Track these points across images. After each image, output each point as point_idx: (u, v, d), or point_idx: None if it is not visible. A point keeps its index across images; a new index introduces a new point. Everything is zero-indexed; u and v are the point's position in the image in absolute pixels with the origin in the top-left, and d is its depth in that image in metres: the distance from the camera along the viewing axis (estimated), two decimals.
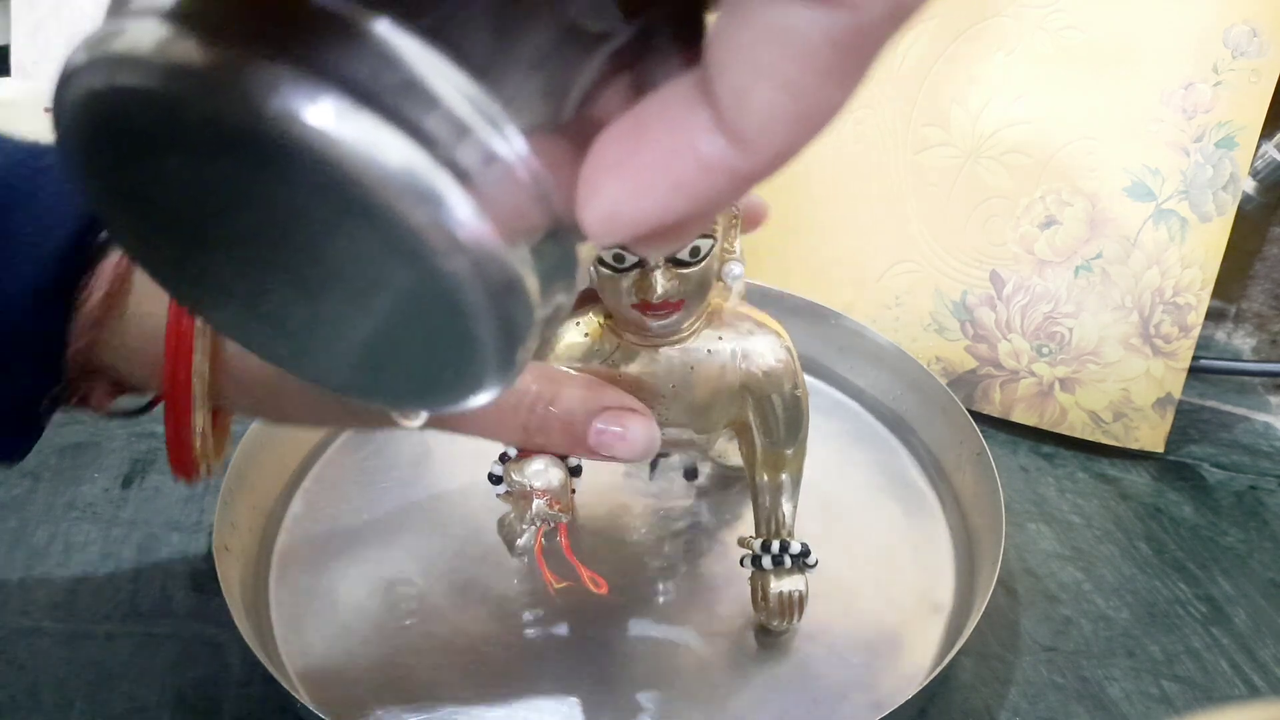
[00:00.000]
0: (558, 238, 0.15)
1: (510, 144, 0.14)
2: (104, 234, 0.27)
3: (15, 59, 0.68)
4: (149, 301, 0.28)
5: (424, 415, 0.22)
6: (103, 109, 0.14)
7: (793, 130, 0.14)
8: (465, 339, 0.15)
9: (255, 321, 0.18)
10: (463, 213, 0.14)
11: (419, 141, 0.13)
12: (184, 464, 0.29)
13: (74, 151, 0.16)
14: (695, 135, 0.14)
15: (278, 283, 0.16)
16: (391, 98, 0.13)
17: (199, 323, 0.27)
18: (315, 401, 0.29)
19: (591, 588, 0.31)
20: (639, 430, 0.29)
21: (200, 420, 0.29)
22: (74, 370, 0.28)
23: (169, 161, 0.15)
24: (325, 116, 0.13)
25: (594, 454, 0.29)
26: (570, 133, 0.15)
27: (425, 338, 0.16)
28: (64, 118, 0.15)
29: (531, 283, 0.15)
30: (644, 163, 0.14)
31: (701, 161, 0.14)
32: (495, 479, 0.32)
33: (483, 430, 0.30)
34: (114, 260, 0.27)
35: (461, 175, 0.13)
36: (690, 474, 0.41)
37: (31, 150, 0.28)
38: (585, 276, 0.17)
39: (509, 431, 0.29)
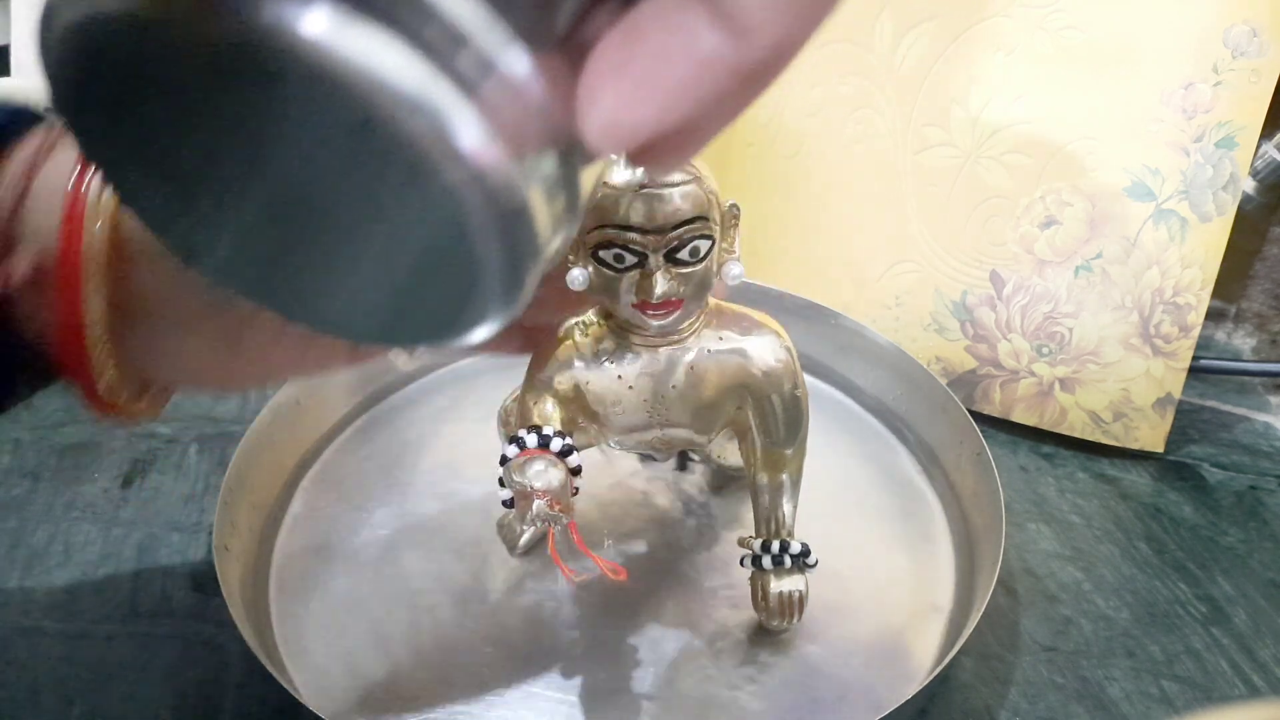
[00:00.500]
0: (560, 156, 0.15)
1: (509, 55, 0.13)
2: (25, 123, 0.26)
3: (15, 59, 0.68)
4: (59, 176, 0.26)
5: (420, 352, 0.22)
6: (86, 42, 0.14)
7: (793, 16, 0.14)
8: (469, 263, 0.15)
9: (252, 262, 0.17)
10: (465, 123, 0.13)
11: (418, 50, 0.13)
12: (79, 368, 0.26)
13: (63, 94, 0.15)
14: (693, 32, 0.13)
15: (275, 216, 0.16)
16: (388, 6, 0.13)
17: (99, 194, 0.25)
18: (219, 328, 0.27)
19: (611, 576, 0.31)
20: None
21: (95, 309, 0.26)
22: None
23: (157, 92, 0.14)
24: (320, 26, 0.12)
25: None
26: (568, 46, 0.14)
27: (427, 266, 0.16)
28: (50, 60, 0.14)
29: (536, 202, 0.15)
30: (642, 66, 0.14)
31: (700, 58, 0.13)
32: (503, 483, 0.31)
33: None
34: (36, 139, 0.26)
35: (462, 85, 0.13)
36: (682, 465, 0.41)
37: None
38: (588, 205, 0.17)
39: None
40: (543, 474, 0.29)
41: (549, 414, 0.31)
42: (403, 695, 0.33)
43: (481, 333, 0.16)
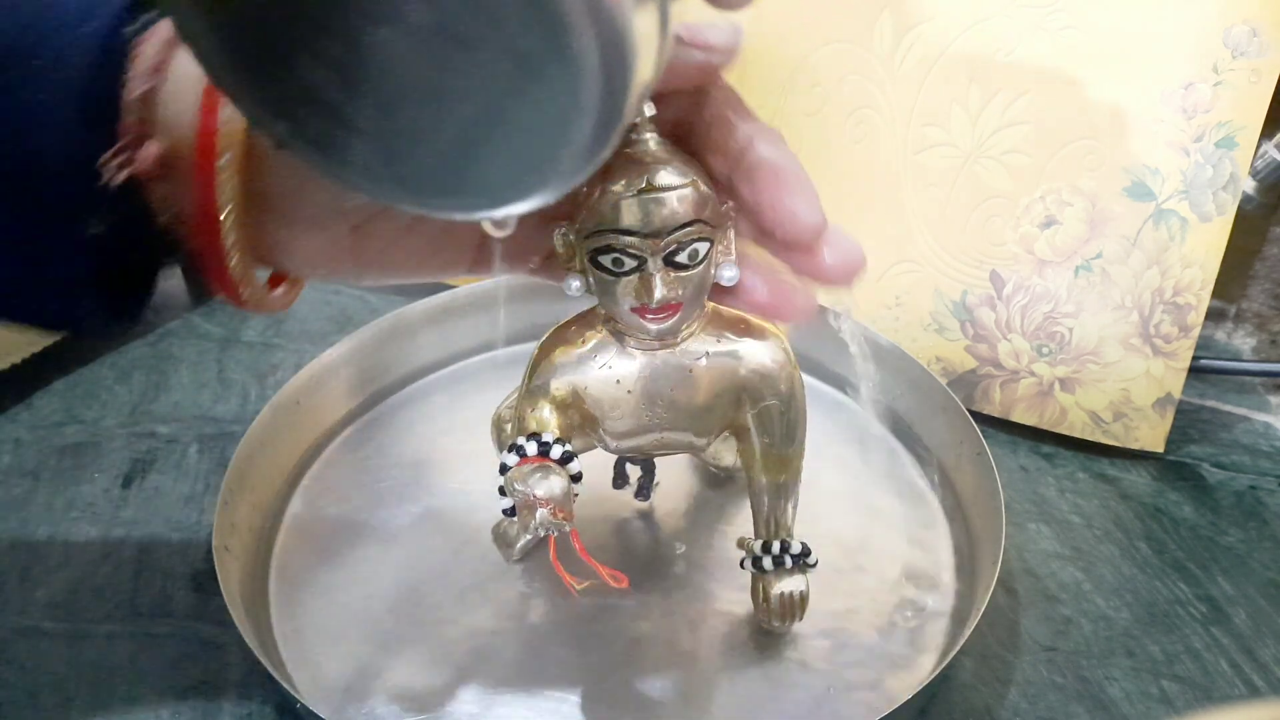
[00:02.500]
0: None
1: None
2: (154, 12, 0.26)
3: None
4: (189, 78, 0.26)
5: (512, 224, 0.23)
6: None
7: None
8: (569, 96, 0.16)
9: (346, 133, 0.18)
10: None
11: None
12: (219, 280, 0.28)
13: (183, 15, 0.17)
14: None
15: (374, 75, 0.17)
16: None
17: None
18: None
19: (612, 583, 0.31)
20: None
21: (227, 194, 0.26)
22: (130, 122, 0.26)
23: None
24: None
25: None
26: None
27: (524, 109, 0.17)
28: None
29: (637, 32, 0.16)
30: None
31: None
32: (503, 492, 0.31)
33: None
34: (168, 26, 0.26)
35: None
36: (643, 494, 0.40)
37: None
38: (667, 51, 0.18)
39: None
40: (544, 482, 0.29)
41: (546, 420, 0.31)
42: (403, 695, 0.33)
43: (567, 181, 0.18)
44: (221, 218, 0.27)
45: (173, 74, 0.26)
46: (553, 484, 0.29)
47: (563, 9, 0.15)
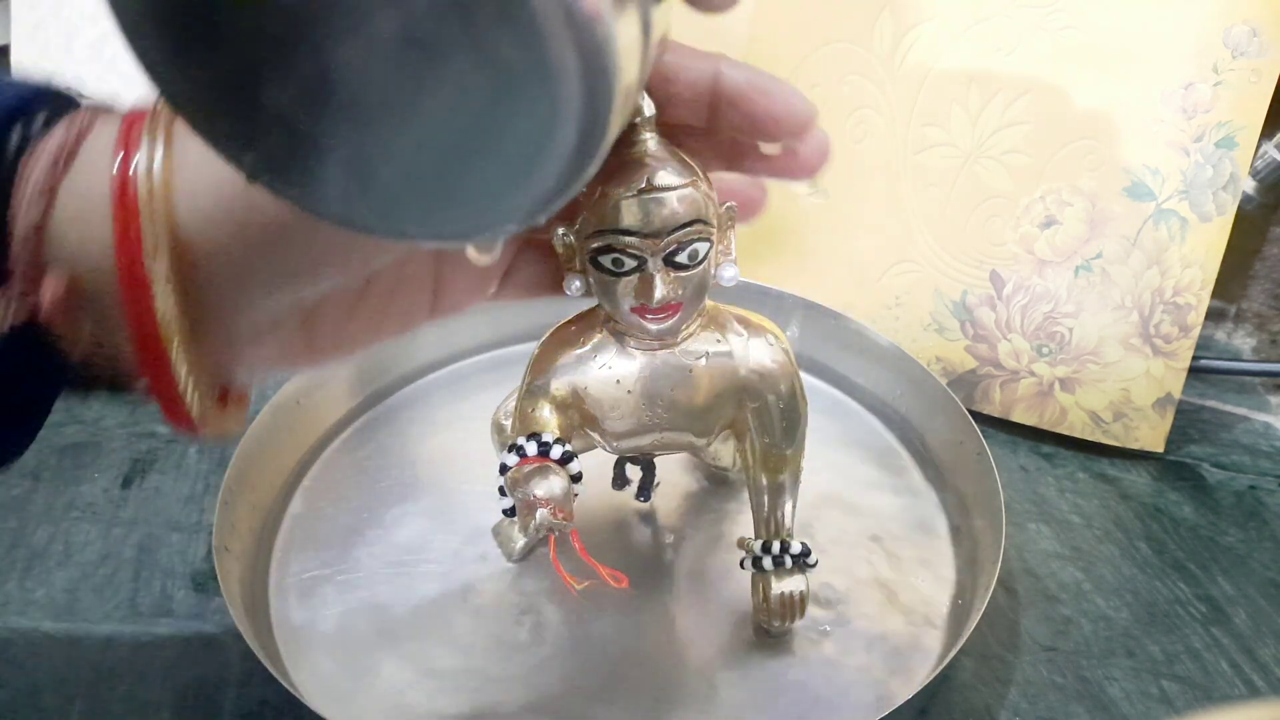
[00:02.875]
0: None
1: None
2: (40, 118, 0.23)
3: (15, 59, 0.68)
4: (92, 180, 0.23)
5: (498, 249, 0.22)
6: None
7: None
8: (549, 108, 0.16)
9: (317, 159, 0.18)
10: None
11: None
12: (175, 415, 0.25)
13: (133, 27, 0.16)
14: None
15: (343, 93, 0.16)
16: None
17: (143, 189, 0.23)
18: (294, 233, 0.24)
19: (612, 583, 0.31)
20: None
21: (165, 308, 0.23)
22: (21, 261, 0.23)
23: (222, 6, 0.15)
24: None
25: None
26: None
27: (504, 124, 0.16)
28: None
29: (619, 39, 0.15)
30: None
31: None
32: (504, 492, 0.31)
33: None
34: (62, 134, 0.23)
35: None
36: (643, 494, 0.40)
37: None
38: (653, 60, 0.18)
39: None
40: (544, 482, 0.29)
41: (546, 420, 0.31)
42: (403, 695, 0.33)
43: (551, 204, 0.17)
44: (171, 351, 0.24)
45: (69, 193, 0.23)
46: (553, 484, 0.29)
47: (537, 16, 0.15)
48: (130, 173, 0.23)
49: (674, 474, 0.42)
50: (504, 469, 0.30)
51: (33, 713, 0.32)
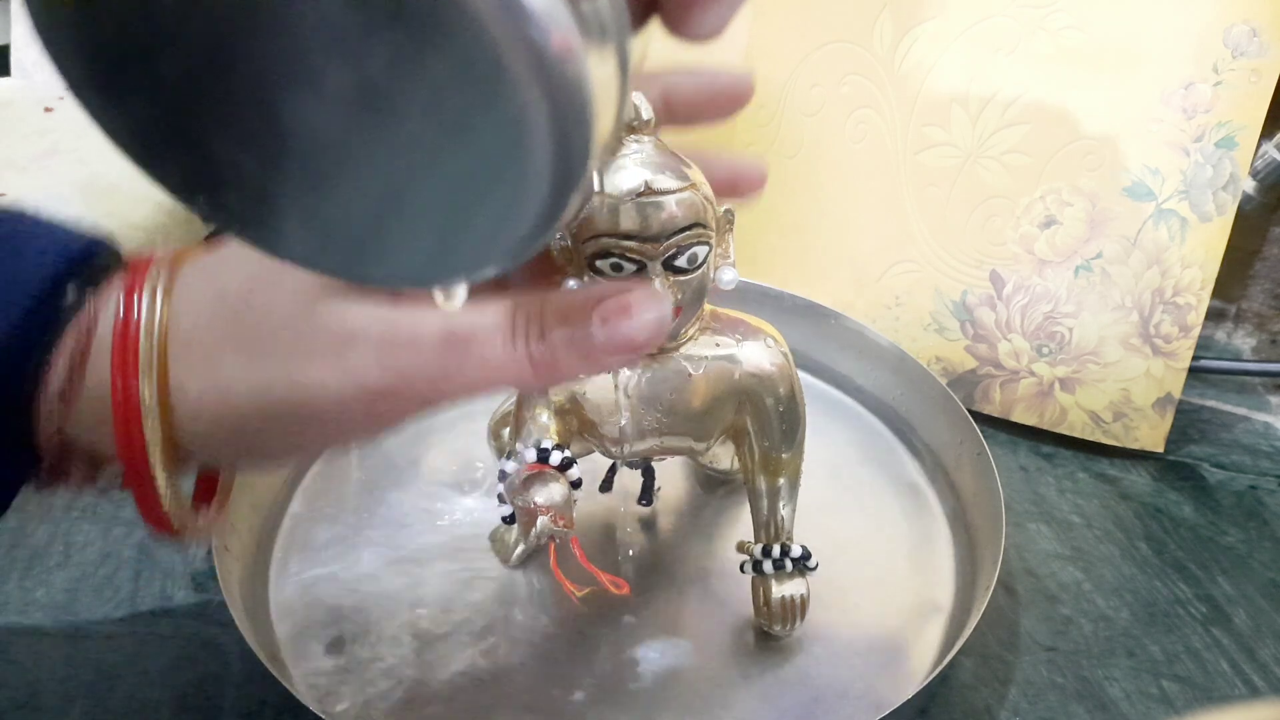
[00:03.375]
0: (612, 20, 0.14)
1: None
2: (62, 304, 0.25)
3: (15, 59, 0.68)
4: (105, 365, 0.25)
5: (463, 293, 0.21)
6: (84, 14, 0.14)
7: None
8: (515, 161, 0.14)
9: (269, 208, 0.17)
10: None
11: None
12: (159, 523, 0.27)
13: (49, 32, 0.15)
14: None
15: (294, 145, 0.15)
16: None
17: (144, 385, 0.25)
18: (287, 432, 0.26)
19: (613, 590, 0.31)
20: (644, 303, 0.25)
21: (162, 478, 0.25)
22: (52, 451, 0.25)
23: (166, 40, 0.14)
24: None
25: (608, 351, 0.25)
26: None
27: (469, 176, 0.15)
28: (51, 34, 0.15)
29: (592, 83, 0.14)
30: None
31: None
32: (503, 499, 0.31)
33: (492, 373, 0.25)
34: (70, 337, 0.25)
35: None
36: (644, 498, 0.40)
37: None
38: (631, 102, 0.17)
39: (516, 367, 0.25)
40: (544, 490, 0.29)
41: (545, 426, 0.31)
42: (403, 695, 0.33)
43: (526, 249, 0.16)
44: (154, 473, 0.25)
45: (84, 387, 0.25)
46: (553, 491, 0.29)
47: (502, 58, 0.13)
48: (132, 316, 0.24)
49: (674, 478, 0.42)
50: (503, 476, 0.30)
51: (33, 713, 0.32)
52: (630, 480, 0.41)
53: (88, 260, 0.25)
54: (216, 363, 0.25)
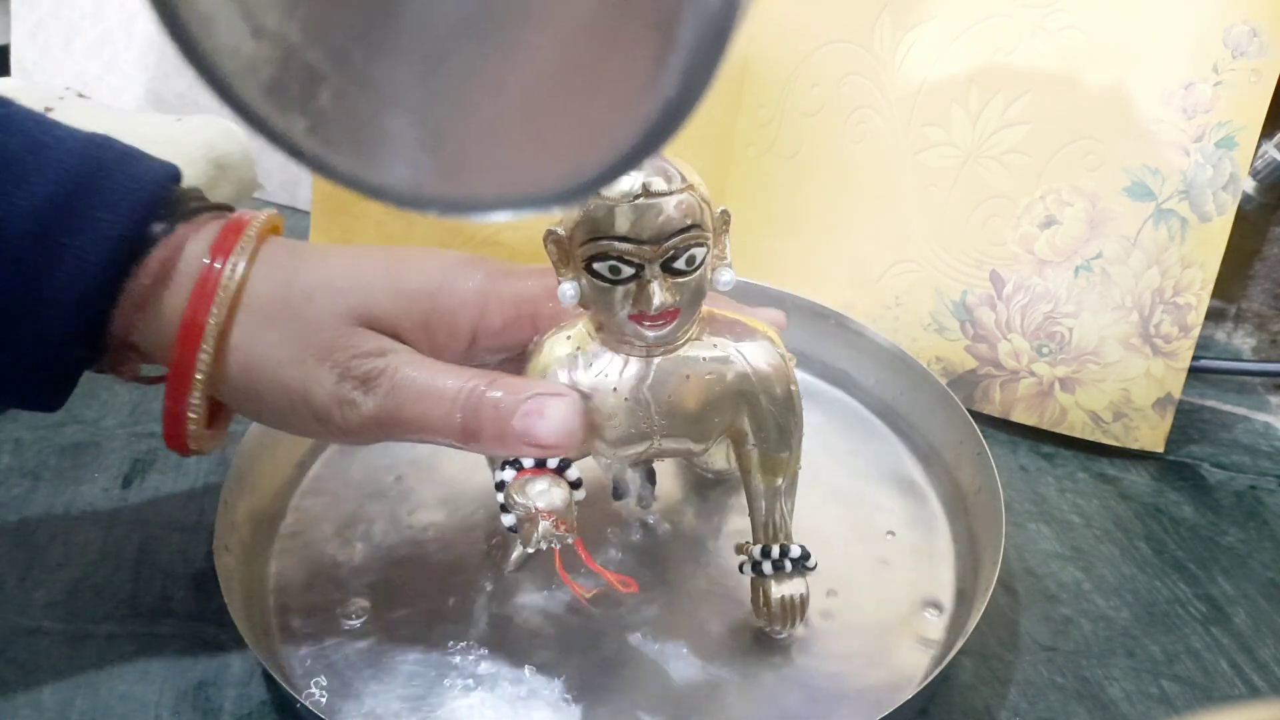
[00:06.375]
0: None
1: None
2: (156, 227, 0.30)
3: (15, 59, 0.68)
4: (182, 293, 0.31)
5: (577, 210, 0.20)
6: None
7: None
8: (662, 29, 0.13)
9: (375, 112, 0.15)
10: None
11: None
12: (176, 438, 0.32)
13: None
14: None
15: (409, 24, 0.14)
16: None
17: (210, 323, 0.30)
18: (286, 417, 0.32)
19: (621, 589, 0.31)
20: (558, 410, 0.29)
21: (197, 399, 0.31)
22: (115, 344, 0.31)
23: None
24: None
25: (520, 441, 0.30)
26: None
27: (601, 69, 0.14)
28: None
29: None
30: None
31: None
32: (504, 509, 0.31)
33: (430, 433, 0.31)
34: (155, 260, 0.30)
35: None
36: (643, 501, 0.40)
37: (94, 141, 0.31)
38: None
39: (449, 431, 0.30)
40: (545, 493, 0.29)
41: None
42: (402, 695, 0.33)
43: (665, 130, 0.14)
44: (190, 399, 0.31)
45: (158, 305, 0.31)
46: (553, 495, 0.29)
47: None
48: (215, 264, 0.31)
49: (673, 480, 0.42)
50: (502, 485, 0.30)
51: (33, 713, 0.32)
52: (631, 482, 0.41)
53: (171, 194, 0.31)
54: (262, 337, 0.31)
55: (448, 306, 0.32)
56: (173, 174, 0.32)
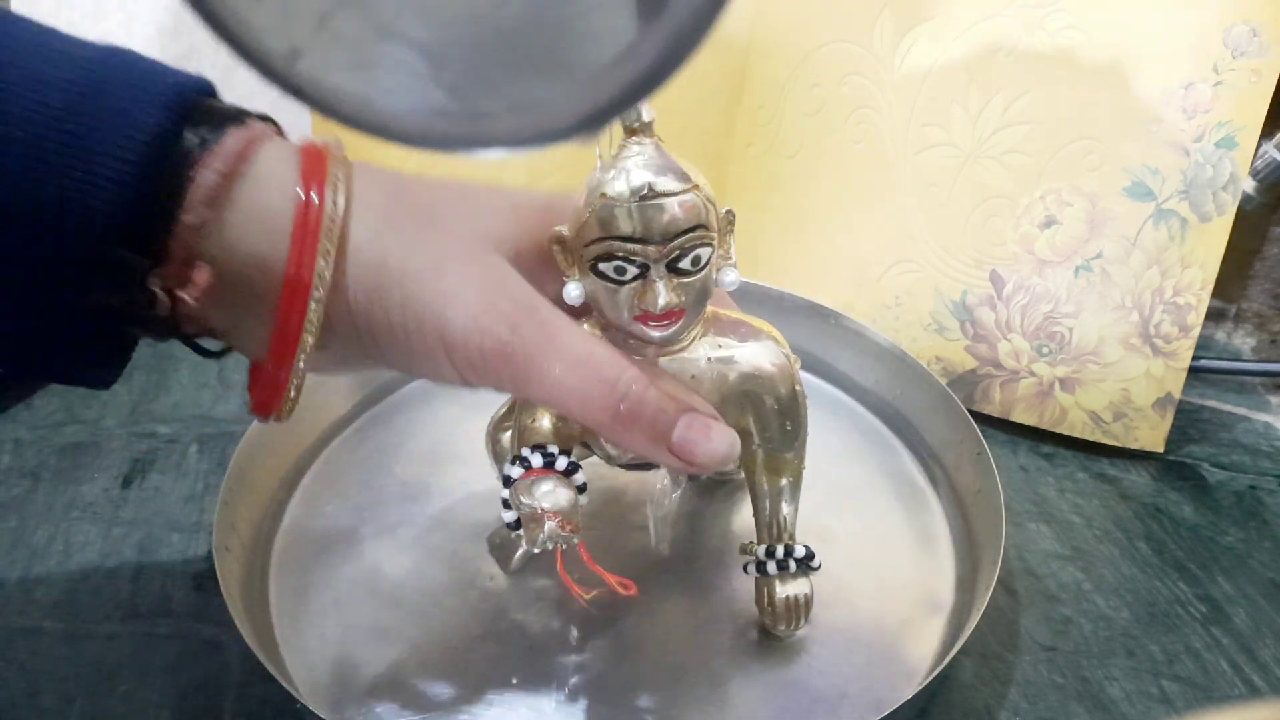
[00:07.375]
0: None
1: None
2: (181, 145, 0.26)
3: None
4: (266, 194, 0.26)
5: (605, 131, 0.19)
6: None
7: None
8: None
9: (379, 42, 0.14)
10: None
11: None
12: (271, 404, 0.29)
13: None
14: None
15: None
16: None
17: (320, 266, 0.26)
18: (409, 337, 0.29)
19: (621, 591, 0.31)
20: (723, 437, 0.29)
21: (302, 358, 0.28)
22: (178, 251, 0.26)
23: None
24: None
25: (671, 453, 0.29)
26: None
27: None
28: None
29: None
30: None
31: None
32: (507, 505, 0.31)
33: (575, 403, 0.28)
34: (233, 143, 0.26)
35: None
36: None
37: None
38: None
39: (600, 410, 0.28)
40: (551, 494, 0.29)
41: (547, 430, 0.31)
42: (402, 696, 0.33)
43: (657, 78, 0.13)
44: (299, 353, 0.27)
45: (234, 201, 0.26)
46: (559, 496, 0.29)
47: None
48: (312, 197, 0.26)
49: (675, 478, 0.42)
50: (508, 481, 0.30)
51: (33, 713, 0.32)
52: (630, 480, 0.41)
53: (196, 102, 0.26)
54: (382, 240, 0.27)
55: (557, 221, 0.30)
56: (188, 84, 0.27)
